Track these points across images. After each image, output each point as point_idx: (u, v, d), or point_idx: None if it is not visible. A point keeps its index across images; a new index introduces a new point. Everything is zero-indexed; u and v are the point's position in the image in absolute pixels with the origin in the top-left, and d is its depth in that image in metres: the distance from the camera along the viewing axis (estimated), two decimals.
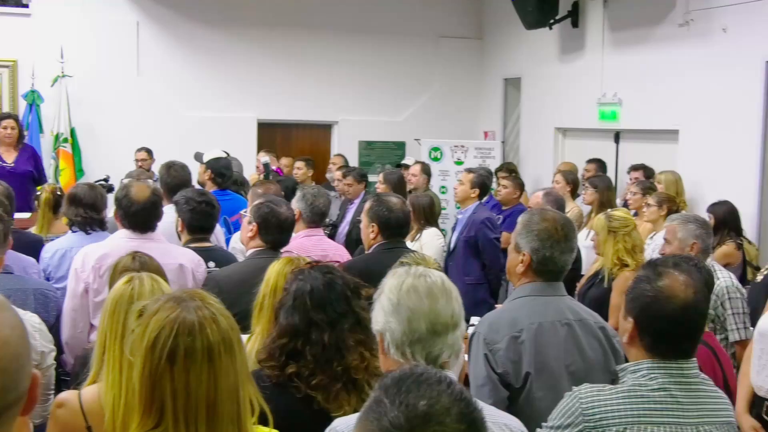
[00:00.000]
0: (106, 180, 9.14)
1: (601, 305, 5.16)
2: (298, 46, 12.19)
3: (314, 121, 12.67)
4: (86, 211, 5.30)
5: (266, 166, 9.38)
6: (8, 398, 1.40)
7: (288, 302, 2.94)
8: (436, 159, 11.51)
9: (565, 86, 11.08)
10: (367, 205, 5.16)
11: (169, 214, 5.27)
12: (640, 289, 2.74)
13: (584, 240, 6.67)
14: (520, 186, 9.01)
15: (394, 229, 5.04)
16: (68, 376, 4.19)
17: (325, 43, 12.31)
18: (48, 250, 5.28)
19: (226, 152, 7.39)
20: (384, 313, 2.43)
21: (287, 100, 12.18)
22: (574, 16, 10.71)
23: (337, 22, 12.30)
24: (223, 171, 7.08)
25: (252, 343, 3.29)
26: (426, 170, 9.56)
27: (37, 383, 1.48)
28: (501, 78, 12.78)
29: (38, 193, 6.13)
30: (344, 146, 12.38)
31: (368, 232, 5.07)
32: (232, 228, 6.33)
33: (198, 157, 7.30)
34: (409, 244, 5.70)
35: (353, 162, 11.61)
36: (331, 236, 7.94)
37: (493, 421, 2.37)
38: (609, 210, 6.03)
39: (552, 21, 10.50)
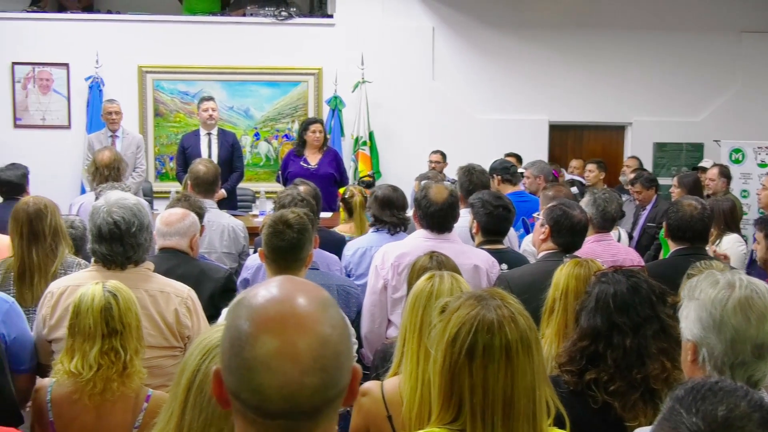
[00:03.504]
0: (371, 176, 9.48)
1: None
2: (589, 46, 11.99)
3: (607, 122, 12.38)
4: (398, 212, 5.56)
5: (579, 184, 9.32)
6: (329, 394, 1.47)
7: (590, 304, 2.91)
8: (737, 161, 10.91)
9: None
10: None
11: (465, 218, 5.36)
12: None
13: None
14: None
15: (683, 232, 4.87)
16: (367, 370, 4.39)
17: (617, 42, 12.01)
18: (350, 248, 5.56)
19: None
20: (702, 326, 2.30)
21: (579, 102, 12.01)
22: None
23: (630, 20, 11.96)
24: (504, 166, 7.16)
25: (543, 347, 3.29)
26: (725, 173, 9.11)
27: (357, 377, 1.55)
28: None
29: (345, 195, 6.44)
30: (637, 148, 12.02)
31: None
32: (530, 228, 6.33)
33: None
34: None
35: (647, 165, 11.27)
36: None
37: None
38: None
39: None
